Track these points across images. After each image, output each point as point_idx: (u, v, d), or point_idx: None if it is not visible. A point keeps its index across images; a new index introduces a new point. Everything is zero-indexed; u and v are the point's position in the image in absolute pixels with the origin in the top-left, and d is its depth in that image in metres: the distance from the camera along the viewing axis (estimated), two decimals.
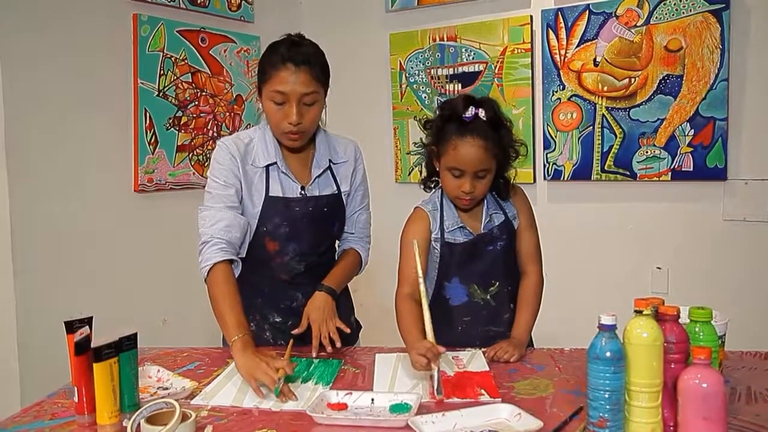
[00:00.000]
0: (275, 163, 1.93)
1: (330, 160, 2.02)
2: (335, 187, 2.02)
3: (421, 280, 1.70)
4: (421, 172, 2.01)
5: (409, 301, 1.82)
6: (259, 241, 1.96)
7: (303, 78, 1.82)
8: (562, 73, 3.31)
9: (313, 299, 1.93)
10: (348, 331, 1.89)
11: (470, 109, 1.80)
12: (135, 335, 1.51)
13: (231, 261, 1.84)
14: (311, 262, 2.00)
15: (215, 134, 3.44)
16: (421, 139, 1.97)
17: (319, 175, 1.99)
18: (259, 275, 2.00)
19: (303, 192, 1.96)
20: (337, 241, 2.13)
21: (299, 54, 1.83)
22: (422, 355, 1.57)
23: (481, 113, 1.80)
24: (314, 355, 1.83)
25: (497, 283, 1.92)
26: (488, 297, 1.92)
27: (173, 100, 3.23)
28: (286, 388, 1.55)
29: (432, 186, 1.99)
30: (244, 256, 1.93)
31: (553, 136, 3.35)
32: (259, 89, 1.90)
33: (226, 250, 1.82)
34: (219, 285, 1.78)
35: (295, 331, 1.89)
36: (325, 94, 1.93)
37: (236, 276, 1.85)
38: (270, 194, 1.92)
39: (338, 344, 1.84)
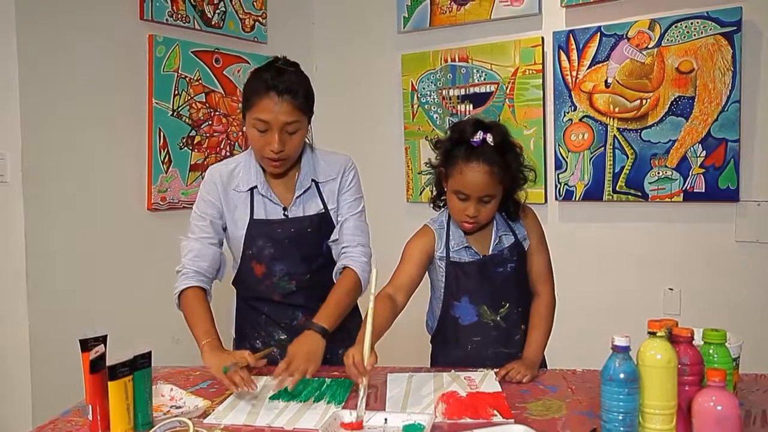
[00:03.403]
0: (257, 186, 1.96)
1: (313, 180, 2.01)
2: (321, 206, 2.01)
3: (372, 297, 1.64)
4: (432, 192, 2.02)
5: (385, 300, 1.81)
6: (247, 265, 2.00)
7: (285, 107, 1.83)
8: (573, 94, 3.32)
9: (302, 340, 1.77)
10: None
11: (478, 133, 1.81)
12: (149, 353, 1.52)
13: (198, 287, 1.93)
14: (303, 281, 2.00)
15: (228, 153, 3.46)
16: (430, 159, 1.99)
17: (300, 195, 1.99)
18: (256, 297, 2.05)
19: (285, 213, 1.98)
20: (334, 257, 2.06)
21: (282, 82, 1.83)
22: (349, 369, 1.58)
23: (489, 138, 1.81)
24: (274, 377, 1.68)
25: (507, 305, 1.92)
26: (498, 318, 1.92)
27: (187, 120, 3.27)
28: (240, 375, 1.63)
29: (441, 205, 2.00)
30: (221, 279, 2.02)
31: (565, 157, 3.36)
32: (243, 114, 1.92)
33: (192, 277, 1.93)
34: (187, 304, 1.91)
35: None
36: (309, 120, 1.93)
37: (210, 298, 1.96)
38: (254, 217, 1.96)
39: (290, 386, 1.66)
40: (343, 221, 2.01)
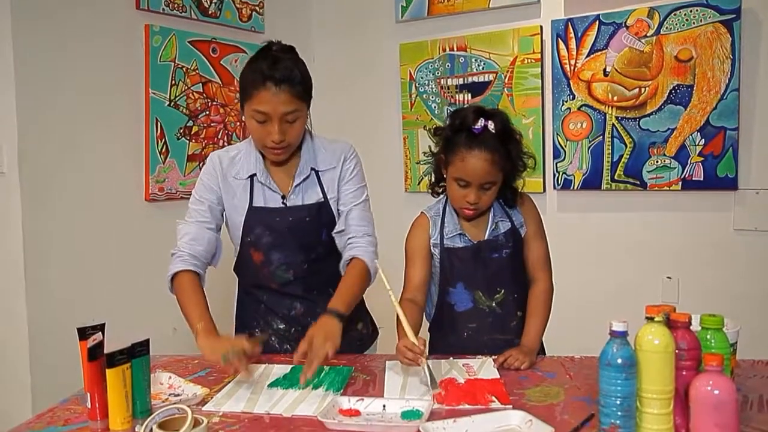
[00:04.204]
0: (256, 174, 1.96)
1: (313, 168, 1.98)
2: (321, 195, 1.99)
3: (390, 292, 1.71)
4: (430, 181, 2.02)
5: (408, 303, 1.86)
6: (246, 252, 2.00)
7: (284, 97, 1.79)
8: (572, 83, 3.31)
9: (321, 323, 1.75)
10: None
11: (480, 121, 1.81)
12: (147, 341, 1.52)
13: (192, 271, 1.92)
14: (300, 271, 1.99)
15: (226, 143, 3.46)
16: (429, 147, 1.98)
17: (299, 184, 1.97)
18: (254, 285, 2.05)
19: (284, 202, 1.97)
20: (339, 248, 2.05)
21: (278, 71, 1.79)
22: (404, 356, 1.63)
23: (491, 125, 1.81)
24: (295, 361, 1.71)
25: (503, 291, 1.93)
26: (494, 304, 1.93)
27: (184, 110, 3.26)
28: (239, 361, 1.62)
29: (440, 192, 2.00)
30: (216, 266, 2.01)
31: (563, 146, 3.35)
32: (241, 105, 1.89)
33: (187, 261, 1.91)
34: (181, 288, 1.90)
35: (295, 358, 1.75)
36: (308, 106, 1.90)
37: (204, 283, 1.94)
38: (253, 205, 1.95)
39: (309, 375, 1.65)
40: (348, 212, 1.99)
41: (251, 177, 1.96)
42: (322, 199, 1.99)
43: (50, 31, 2.72)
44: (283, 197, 1.97)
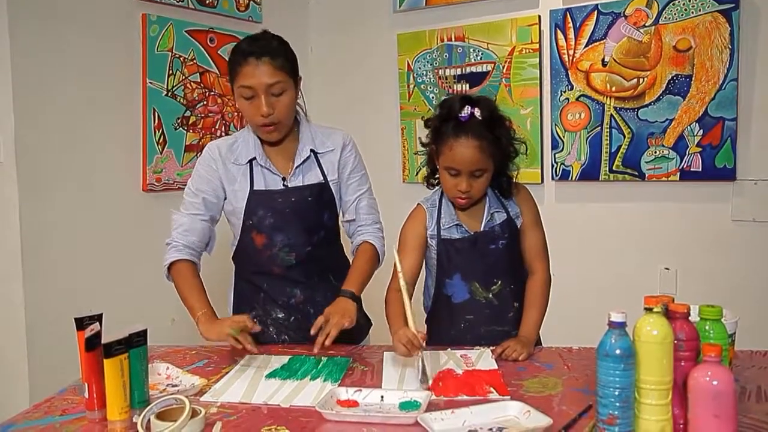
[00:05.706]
0: (255, 158, 1.99)
1: (312, 150, 2.03)
2: (321, 176, 2.03)
3: (400, 275, 1.72)
4: (426, 172, 2.01)
5: (398, 293, 1.84)
6: (248, 236, 2.01)
7: (265, 69, 1.86)
8: (570, 73, 3.30)
9: (336, 303, 1.88)
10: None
11: (466, 108, 1.81)
12: (145, 331, 1.52)
13: (189, 260, 1.97)
14: (303, 254, 2.01)
15: (223, 134, 3.44)
16: (420, 138, 1.99)
17: (299, 165, 2.01)
18: (255, 272, 2.06)
19: (285, 183, 1.99)
20: (345, 234, 2.15)
21: (259, 46, 1.88)
22: (403, 344, 1.62)
23: (477, 113, 1.81)
24: (312, 332, 1.78)
25: (500, 282, 1.93)
26: (491, 296, 1.92)
27: (182, 100, 3.24)
28: (244, 339, 1.74)
29: (435, 183, 2.00)
30: (210, 253, 2.06)
31: (561, 137, 3.35)
32: (232, 89, 1.96)
33: (182, 250, 1.97)
34: (180, 277, 1.95)
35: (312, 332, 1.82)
36: (295, 83, 1.95)
37: (200, 270, 2.00)
38: (254, 188, 1.98)
39: (327, 342, 1.76)
40: (357, 201, 2.08)
41: (250, 162, 1.99)
42: (323, 181, 2.02)
43: (47, 19, 2.70)
44: (284, 179, 2.00)
